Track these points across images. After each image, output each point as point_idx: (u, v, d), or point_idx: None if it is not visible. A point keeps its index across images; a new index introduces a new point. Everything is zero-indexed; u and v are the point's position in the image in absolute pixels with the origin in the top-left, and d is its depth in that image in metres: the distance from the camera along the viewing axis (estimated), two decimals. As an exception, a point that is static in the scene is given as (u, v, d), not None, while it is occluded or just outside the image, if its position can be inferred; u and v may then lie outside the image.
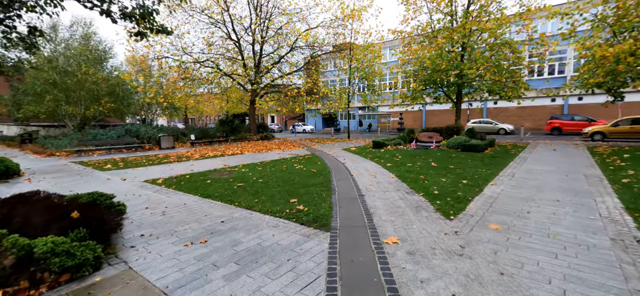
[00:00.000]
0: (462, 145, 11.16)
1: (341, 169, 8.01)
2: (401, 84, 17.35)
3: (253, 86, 17.73)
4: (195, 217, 4.23)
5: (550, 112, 25.01)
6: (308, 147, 15.11)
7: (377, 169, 7.86)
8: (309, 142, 18.44)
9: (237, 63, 20.14)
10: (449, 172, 7.10)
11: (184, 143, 17.08)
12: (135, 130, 15.60)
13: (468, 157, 9.46)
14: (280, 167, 8.51)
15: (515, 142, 15.32)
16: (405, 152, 11.32)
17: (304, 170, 7.84)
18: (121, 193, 5.71)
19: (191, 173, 7.81)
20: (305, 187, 5.91)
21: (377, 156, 10.51)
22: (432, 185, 5.74)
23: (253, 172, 7.87)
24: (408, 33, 16.25)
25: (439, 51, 13.80)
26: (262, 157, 11.43)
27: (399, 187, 5.79)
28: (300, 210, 4.38)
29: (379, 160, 9.42)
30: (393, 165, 8.30)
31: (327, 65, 33.51)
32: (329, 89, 22.44)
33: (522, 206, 4.38)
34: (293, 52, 21.47)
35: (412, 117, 34.33)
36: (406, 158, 9.57)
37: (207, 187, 6.15)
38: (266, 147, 15.38)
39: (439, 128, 14.02)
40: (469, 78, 13.85)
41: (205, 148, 15.31)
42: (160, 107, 28.94)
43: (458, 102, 16.08)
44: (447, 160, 9.01)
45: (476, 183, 5.87)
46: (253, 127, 21.24)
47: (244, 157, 11.54)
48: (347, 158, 10.19)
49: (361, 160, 9.82)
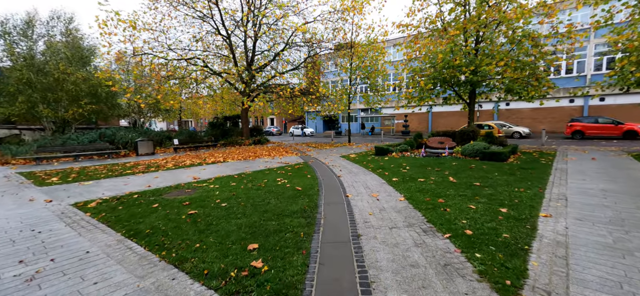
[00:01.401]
0: (481, 153, 9.40)
1: (334, 186, 6.31)
2: (407, 83, 15.62)
3: (242, 85, 16.09)
4: (78, 286, 2.57)
5: (569, 114, 23.13)
6: (302, 153, 13.43)
7: (380, 186, 6.15)
8: (304, 147, 16.77)
9: (228, 60, 18.57)
10: (475, 191, 5.37)
11: (167, 149, 15.50)
12: (110, 134, 14.04)
13: (492, 169, 7.70)
14: (260, 182, 6.84)
15: (537, 147, 13.50)
16: (414, 161, 9.59)
17: (286, 187, 6.15)
18: (16, 228, 4.08)
19: (144, 192, 6.16)
20: (280, 217, 4.22)
21: (381, 166, 8.80)
22: (459, 216, 4.02)
23: (223, 189, 6.20)
24: (415, 26, 14.55)
25: (452, 45, 12.07)
26: (245, 166, 9.77)
27: (411, 218, 4.08)
28: (255, 271, 2.70)
29: (382, 172, 7.71)
30: (400, 180, 6.58)
31: (327, 66, 31.94)
32: (328, 89, 20.76)
33: (619, 264, 2.65)
34: (289, 49, 19.90)
35: (418, 120, 32.55)
36: (416, 170, 7.84)
37: (146, 215, 4.49)
38: (255, 153, 13.73)
39: (451, 133, 12.26)
40: (485, 75, 12.10)
41: (187, 154, 13.70)
42: (150, 108, 27.50)
43: (471, 102, 14.30)
44: (468, 172, 7.26)
45: (521, 213, 4.14)
46: (246, 130, 19.62)
47: (224, 166, 9.90)
48: (344, 170, 8.48)
49: (361, 171, 8.11)
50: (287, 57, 19.02)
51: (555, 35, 12.59)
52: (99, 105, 18.77)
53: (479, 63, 11.91)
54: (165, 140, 16.81)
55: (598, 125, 18.06)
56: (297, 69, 19.34)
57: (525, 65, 12.08)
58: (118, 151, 13.20)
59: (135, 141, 13.50)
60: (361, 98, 21.44)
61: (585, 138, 18.45)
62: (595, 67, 22.30)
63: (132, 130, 16.27)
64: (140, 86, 16.57)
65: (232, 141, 18.40)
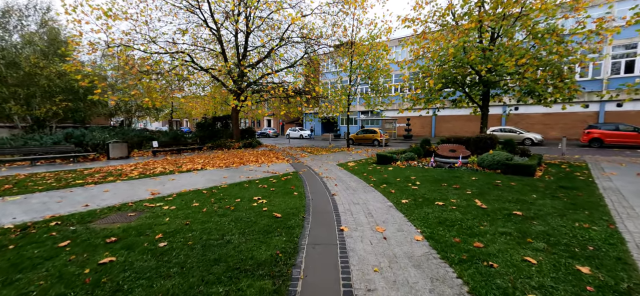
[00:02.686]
0: (504, 165, 7.90)
1: (326, 211, 4.79)
2: (412, 83, 14.14)
3: (230, 82, 14.58)
4: None
5: (582, 120, 21.70)
6: (295, 160, 11.92)
7: (386, 212, 4.63)
8: (299, 152, 15.25)
9: (219, 57, 17.10)
10: (520, 226, 3.85)
11: (146, 152, 13.97)
12: (79, 135, 12.49)
13: (524, 187, 6.19)
14: (230, 202, 5.32)
15: (559, 157, 12.01)
16: (423, 174, 8.08)
17: (262, 213, 4.63)
18: None
19: (71, 216, 4.63)
20: (235, 275, 2.70)
21: (384, 179, 7.28)
22: (519, 281, 2.51)
23: (178, 213, 4.68)
24: (422, 21, 13.09)
25: (465, 39, 10.60)
26: (224, 175, 8.25)
27: (439, 280, 2.56)
28: None
29: (387, 189, 6.19)
30: (412, 203, 5.06)
31: (326, 66, 30.54)
32: (327, 90, 19.26)
33: None
34: (285, 46, 18.43)
35: (420, 124, 31.11)
36: (429, 187, 6.32)
37: (35, 265, 2.96)
38: (242, 158, 12.21)
39: (463, 139, 10.76)
40: (503, 73, 10.62)
41: (165, 159, 12.17)
42: (138, 108, 26.00)
43: (484, 106, 12.82)
44: (496, 192, 5.75)
45: (613, 275, 2.63)
46: (236, 132, 18.10)
47: (200, 175, 8.37)
48: (340, 184, 6.97)
49: (361, 187, 6.59)
50: (281, 53, 17.53)
51: (582, 31, 11.16)
52: (76, 102, 17.22)
53: (497, 59, 10.46)
54: (146, 141, 15.27)
55: (619, 133, 16.60)
56: (292, 67, 17.85)
57: (548, 64, 10.62)
58: (86, 154, 11.66)
59: (106, 143, 11.95)
60: (362, 99, 19.96)
61: (604, 146, 17.00)
62: (613, 70, 20.87)
63: (108, 131, 14.73)
64: (116, 82, 15.02)
65: (220, 144, 16.89)
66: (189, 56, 15.49)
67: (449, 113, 28.27)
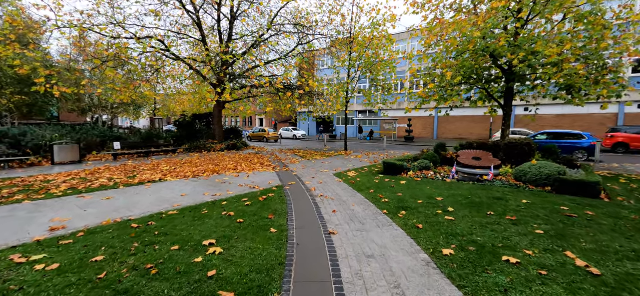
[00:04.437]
0: (558, 182, 5.93)
1: (318, 278, 2.72)
2: (422, 78, 12.19)
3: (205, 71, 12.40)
4: None
5: (599, 122, 20.03)
6: (283, 167, 9.83)
7: (425, 283, 2.58)
8: (290, 156, 13.15)
9: (198, 43, 14.90)
10: None
11: (107, 155, 11.69)
12: (15, 133, 10.20)
13: (607, 217, 4.22)
14: (164, 251, 3.22)
15: (595, 165, 10.15)
16: (450, 191, 6.07)
17: (201, 287, 2.55)
18: None
19: None
20: None
21: (401, 201, 5.25)
22: None
23: (54, 282, 2.57)
24: (434, 4, 11.11)
25: (494, 20, 8.64)
26: (182, 192, 6.13)
27: None
28: None
29: (410, 222, 4.16)
30: (464, 258, 3.03)
31: (322, 60, 28.45)
32: (322, 85, 17.18)
33: None
34: (278, 37, 16.34)
35: (421, 124, 29.28)
36: (468, 216, 4.31)
37: None
38: (218, 165, 10.08)
39: (489, 146, 8.81)
40: (539, 64, 8.69)
41: (124, 165, 9.96)
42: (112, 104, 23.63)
43: (507, 104, 10.87)
44: (581, 231, 3.76)
45: None
46: (219, 131, 15.91)
47: (149, 193, 6.23)
48: (340, 211, 4.91)
49: (371, 216, 4.54)
50: (273, 42, 15.42)
51: (627, 17, 9.34)
52: (31, 96, 14.84)
53: (529, 47, 8.53)
54: (111, 142, 12.99)
55: (648, 137, 14.90)
56: (284, 59, 15.74)
57: (592, 54, 8.74)
58: (25, 158, 9.41)
59: (51, 144, 9.70)
60: (362, 96, 17.95)
61: (631, 151, 15.30)
62: (632, 68, 19.21)
63: (57, 129, 12.42)
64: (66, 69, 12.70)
65: (199, 145, 14.70)
66: (162, 42, 13.26)
67: (453, 113, 26.44)
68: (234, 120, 48.20)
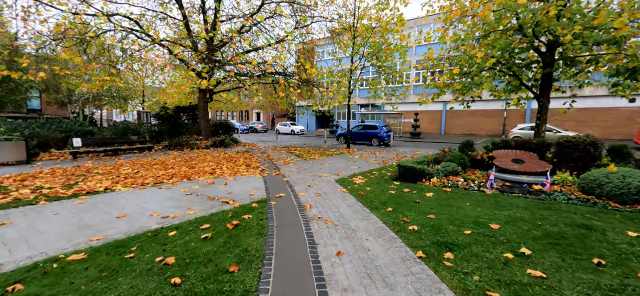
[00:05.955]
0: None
1: None
2: (438, 65, 10.37)
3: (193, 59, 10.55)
4: None
5: (627, 117, 18.22)
6: (273, 170, 8.03)
7: None
8: (284, 155, 11.33)
9: (177, 24, 12.99)
10: None
11: (65, 153, 9.84)
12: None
13: None
14: None
15: None
16: (502, 211, 4.29)
17: None
18: None
19: None
20: None
21: (441, 234, 3.45)
22: None
23: None
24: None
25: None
26: (124, 209, 4.32)
27: None
28: None
29: (473, 281, 2.36)
30: None
31: (324, 50, 26.55)
32: (322, 74, 15.30)
33: None
34: (272, 20, 14.44)
35: (428, 119, 27.44)
36: (560, 263, 2.52)
37: None
38: (194, 167, 8.27)
39: (533, 143, 7.00)
40: (597, 41, 6.83)
41: (77, 167, 8.15)
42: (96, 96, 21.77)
43: (543, 93, 9.02)
44: None
45: None
46: (205, 126, 14.06)
47: (78, 209, 4.43)
48: (348, 252, 3.11)
49: (397, 261, 2.74)
50: (262, 17, 13.50)
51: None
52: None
53: (585, 20, 6.69)
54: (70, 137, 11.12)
55: (692, 134, 13.11)
56: (279, 43, 13.82)
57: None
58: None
59: (-13, 142, 7.88)
60: (364, 90, 16.03)
61: (670, 150, 13.51)
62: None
63: (2, 122, 10.57)
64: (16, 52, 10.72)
65: (181, 142, 12.86)
66: (137, 23, 11.36)
67: (461, 107, 24.59)
68: (230, 114, 46.25)
